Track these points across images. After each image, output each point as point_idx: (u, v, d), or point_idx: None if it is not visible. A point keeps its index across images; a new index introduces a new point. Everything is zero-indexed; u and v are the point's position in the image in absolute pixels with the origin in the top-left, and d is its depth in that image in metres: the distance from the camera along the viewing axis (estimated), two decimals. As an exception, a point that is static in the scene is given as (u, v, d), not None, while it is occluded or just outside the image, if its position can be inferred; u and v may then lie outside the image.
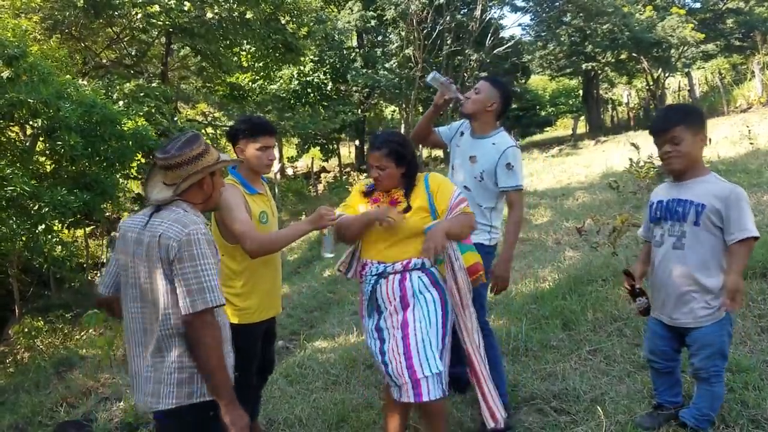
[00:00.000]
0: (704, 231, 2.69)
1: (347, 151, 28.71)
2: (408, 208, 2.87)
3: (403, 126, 23.95)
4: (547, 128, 35.68)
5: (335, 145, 25.77)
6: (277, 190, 20.06)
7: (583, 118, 29.10)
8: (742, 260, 2.64)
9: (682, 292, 2.75)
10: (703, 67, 28.29)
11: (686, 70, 24.61)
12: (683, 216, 2.74)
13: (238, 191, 2.98)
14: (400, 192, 2.94)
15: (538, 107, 38.73)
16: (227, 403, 2.17)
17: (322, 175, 25.44)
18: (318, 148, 24.98)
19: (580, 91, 32.51)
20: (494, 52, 24.37)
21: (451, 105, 3.77)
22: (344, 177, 22.90)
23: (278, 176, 21.74)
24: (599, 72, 26.86)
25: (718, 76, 23.50)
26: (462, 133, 3.59)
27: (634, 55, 24.16)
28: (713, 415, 2.80)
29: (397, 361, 2.73)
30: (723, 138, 11.53)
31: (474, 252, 2.98)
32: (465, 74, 23.19)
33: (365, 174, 16.82)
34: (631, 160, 8.86)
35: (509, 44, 25.49)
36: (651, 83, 26.05)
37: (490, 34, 23.61)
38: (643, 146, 9.45)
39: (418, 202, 2.90)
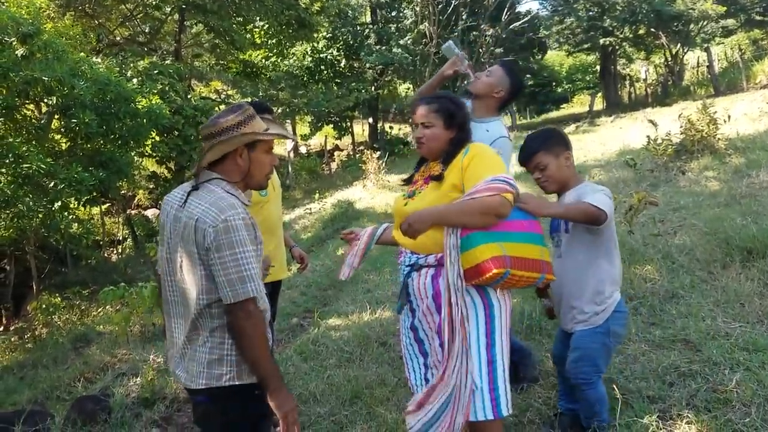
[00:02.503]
0: (576, 239, 2.74)
1: (361, 129, 28.56)
2: (440, 176, 2.44)
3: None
4: (564, 105, 35.34)
5: (348, 123, 25.65)
6: (290, 169, 20.07)
7: (600, 94, 28.74)
8: (569, 209, 2.62)
9: (565, 302, 2.82)
10: (723, 43, 27.76)
11: (705, 45, 24.15)
12: (558, 226, 2.84)
13: None
14: (440, 166, 2.51)
15: (554, 84, 38.31)
16: (274, 389, 2.09)
17: (336, 153, 25.36)
18: (331, 126, 24.88)
19: (598, 67, 32.10)
20: (510, 27, 24.08)
21: (459, 81, 3.65)
22: (357, 155, 22.82)
23: (291, 154, 21.74)
24: (617, 47, 26.44)
25: (738, 51, 23.04)
26: None
27: (652, 30, 23.74)
28: (603, 418, 2.80)
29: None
30: (742, 115, 11.31)
31: (529, 243, 2.41)
32: (480, 50, 22.94)
33: (379, 152, 16.75)
34: (648, 137, 8.77)
35: (526, 19, 25.21)
36: (669, 59, 25.63)
37: (506, 9, 23.31)
38: (661, 123, 9.34)
39: (452, 177, 2.43)
